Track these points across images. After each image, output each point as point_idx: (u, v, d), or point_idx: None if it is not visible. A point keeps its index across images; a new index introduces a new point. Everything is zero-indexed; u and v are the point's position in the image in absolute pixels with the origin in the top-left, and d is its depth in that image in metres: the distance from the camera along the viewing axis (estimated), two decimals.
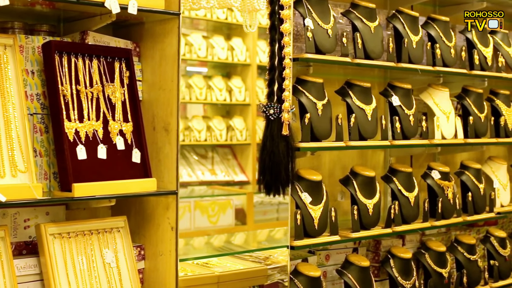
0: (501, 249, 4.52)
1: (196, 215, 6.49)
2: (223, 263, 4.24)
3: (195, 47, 7.34)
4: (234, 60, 7.27)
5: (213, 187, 7.10)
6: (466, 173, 4.35)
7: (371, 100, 3.75)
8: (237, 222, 6.66)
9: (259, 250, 4.11)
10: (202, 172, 7.29)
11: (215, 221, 6.55)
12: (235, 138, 7.34)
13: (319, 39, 3.47)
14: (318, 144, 3.46)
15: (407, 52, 3.88)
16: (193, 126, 7.39)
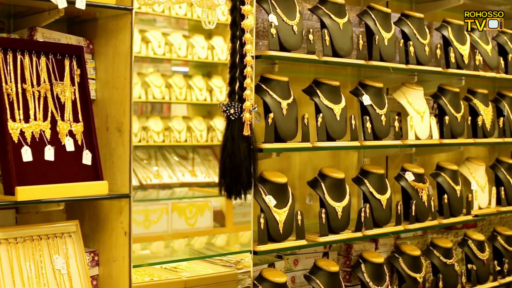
0: (479, 252, 4.39)
1: (174, 217, 6.36)
2: (192, 267, 4.12)
3: (175, 46, 7.21)
4: (214, 59, 7.13)
5: (193, 189, 6.97)
6: (442, 174, 4.22)
7: (340, 99, 3.62)
8: (215, 224, 6.53)
9: (219, 256, 3.98)
10: (182, 173, 7.15)
11: (193, 223, 6.42)
12: (216, 139, 7.19)
13: (284, 36, 3.33)
14: (282, 145, 3.33)
15: (378, 49, 3.75)
16: (173, 126, 7.27)
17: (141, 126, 7.25)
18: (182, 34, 7.18)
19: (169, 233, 6.29)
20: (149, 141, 7.23)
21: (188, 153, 7.39)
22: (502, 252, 4.59)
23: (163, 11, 7.06)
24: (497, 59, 4.54)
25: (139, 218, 6.23)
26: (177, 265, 4.17)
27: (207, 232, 6.34)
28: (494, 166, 4.71)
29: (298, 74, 3.90)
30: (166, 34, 7.31)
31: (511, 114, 4.65)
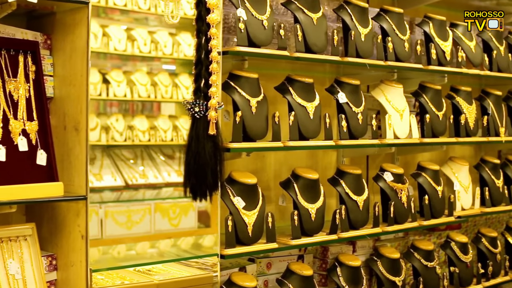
0: (462, 255, 4.26)
1: (157, 217, 6.24)
2: (167, 270, 4.00)
3: (161, 44, 7.09)
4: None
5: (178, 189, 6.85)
6: (423, 174, 4.09)
7: (314, 97, 3.49)
8: (200, 225, 6.40)
9: (185, 259, 3.85)
10: (168, 173, 7.04)
11: (177, 223, 6.30)
12: None
13: (253, 31, 3.21)
14: (251, 144, 3.21)
15: (354, 45, 3.62)
16: (159, 125, 7.15)
17: (127, 125, 7.13)
18: (168, 32, 7.06)
19: (151, 233, 6.17)
20: (134, 140, 7.12)
21: (174, 152, 7.26)
22: (487, 254, 4.46)
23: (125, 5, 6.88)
24: (481, 55, 4.41)
25: (122, 219, 6.12)
26: (152, 267, 4.05)
27: (191, 233, 6.20)
28: (478, 166, 4.58)
29: (274, 71, 3.78)
30: (152, 32, 7.19)
31: (495, 112, 4.52)
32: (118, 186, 6.90)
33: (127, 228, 6.09)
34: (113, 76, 7.03)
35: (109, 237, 6.03)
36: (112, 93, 6.96)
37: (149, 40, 7.08)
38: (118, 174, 7.00)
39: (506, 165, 4.75)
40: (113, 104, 7.39)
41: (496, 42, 4.54)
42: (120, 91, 7.01)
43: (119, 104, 7.42)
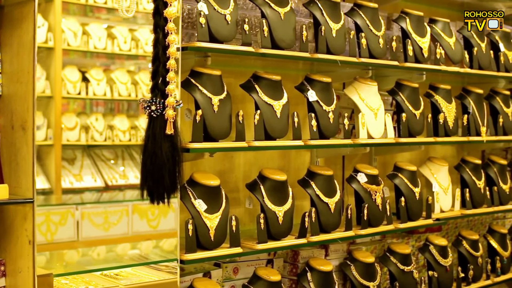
0: (441, 258, 4.12)
1: (135, 219, 6.10)
2: (136, 274, 3.88)
3: (142, 42, 6.95)
4: None
5: None
6: (400, 175, 3.95)
7: (281, 95, 3.35)
8: None
9: (142, 265, 3.72)
10: None
11: (155, 225, 6.17)
12: None
13: (215, 26, 3.07)
14: (213, 144, 3.07)
15: (325, 41, 3.48)
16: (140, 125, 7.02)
17: (107, 124, 7.00)
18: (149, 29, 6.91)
19: (129, 235, 6.04)
20: (114, 140, 6.98)
21: None
22: (467, 257, 4.32)
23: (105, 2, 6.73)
24: (461, 52, 4.26)
25: (98, 221, 5.98)
26: (120, 271, 3.94)
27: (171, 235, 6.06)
28: (459, 166, 4.44)
29: (243, 68, 3.63)
30: (133, 30, 7.06)
31: (477, 111, 4.38)
32: (98, 187, 6.78)
33: (104, 229, 5.95)
34: (92, 75, 6.90)
35: (85, 239, 5.90)
36: (91, 92, 6.84)
37: (129, 37, 6.95)
38: (98, 174, 6.86)
39: (488, 165, 4.60)
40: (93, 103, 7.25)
41: (477, 39, 4.40)
42: (99, 90, 6.88)
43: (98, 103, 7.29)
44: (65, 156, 6.76)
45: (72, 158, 6.87)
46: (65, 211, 5.79)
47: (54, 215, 5.74)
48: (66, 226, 5.78)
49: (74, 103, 7.13)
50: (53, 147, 6.46)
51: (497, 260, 4.52)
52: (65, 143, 6.61)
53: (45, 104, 6.61)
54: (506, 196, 4.59)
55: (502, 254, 4.55)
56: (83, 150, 6.90)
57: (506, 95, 4.66)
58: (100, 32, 6.88)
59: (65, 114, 6.76)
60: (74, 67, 6.84)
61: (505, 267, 4.57)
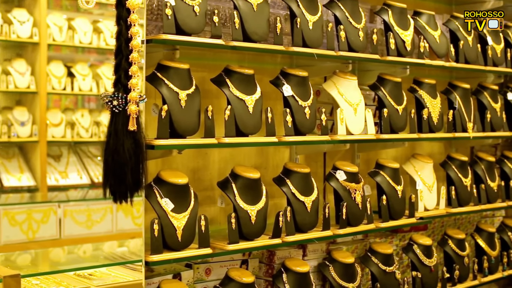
0: (425, 258, 4.00)
1: (119, 216, 6.00)
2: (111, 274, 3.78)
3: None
4: None
5: None
6: (381, 173, 3.82)
7: (254, 89, 3.23)
8: None
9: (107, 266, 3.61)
10: None
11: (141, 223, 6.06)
12: None
13: (183, 18, 2.94)
14: (179, 141, 2.95)
15: (301, 34, 3.35)
16: None
17: (93, 120, 6.89)
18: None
19: (114, 233, 5.93)
20: (101, 136, 6.87)
21: None
22: (453, 257, 4.20)
23: None
24: (446, 46, 4.12)
25: (81, 219, 5.88)
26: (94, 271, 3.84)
27: None
28: (444, 163, 4.30)
29: (218, 62, 3.49)
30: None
31: (463, 107, 4.24)
32: (84, 184, 6.67)
33: (87, 227, 5.85)
34: (78, 70, 6.79)
35: (68, 237, 5.80)
36: (77, 87, 6.73)
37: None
38: (84, 171, 6.76)
39: (476, 162, 4.47)
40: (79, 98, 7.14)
41: (464, 32, 4.27)
42: (85, 85, 6.77)
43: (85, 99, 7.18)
44: (51, 153, 6.66)
45: (57, 155, 6.76)
46: (47, 209, 5.68)
47: (36, 213, 5.63)
48: (48, 224, 5.68)
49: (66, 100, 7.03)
50: (38, 143, 6.36)
51: (484, 259, 4.39)
52: (50, 139, 6.52)
53: (30, 99, 6.51)
54: (494, 194, 4.46)
55: (490, 254, 4.43)
56: (69, 146, 6.79)
57: (494, 90, 4.52)
58: (86, 26, 6.77)
59: (51, 110, 6.65)
60: (59, 62, 6.73)
61: (493, 267, 4.44)
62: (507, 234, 4.64)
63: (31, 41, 6.37)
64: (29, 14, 6.40)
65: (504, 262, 4.56)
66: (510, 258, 4.59)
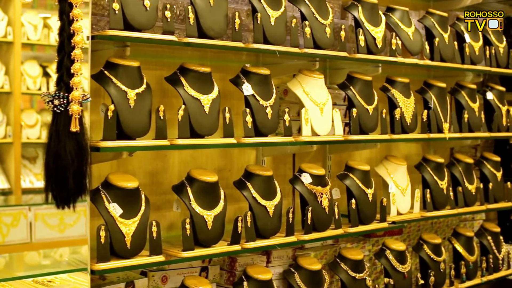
0: (398, 264, 3.84)
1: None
2: (72, 280, 3.63)
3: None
4: None
5: None
6: (351, 176, 3.66)
7: (211, 88, 3.07)
8: None
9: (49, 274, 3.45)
10: None
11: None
12: None
13: (131, 13, 2.78)
14: (127, 143, 2.78)
15: (261, 30, 3.19)
16: None
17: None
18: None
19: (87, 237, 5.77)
20: None
21: None
22: (428, 263, 4.04)
23: None
24: (420, 43, 3.96)
25: (53, 222, 5.72)
26: (54, 277, 3.68)
27: None
28: (419, 165, 4.14)
29: (177, 59, 3.32)
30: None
31: (439, 106, 4.08)
32: None
33: (60, 231, 5.69)
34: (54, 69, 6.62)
35: (39, 241, 5.65)
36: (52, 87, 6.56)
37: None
38: None
39: (453, 164, 4.31)
40: None
41: (440, 29, 4.11)
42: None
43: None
44: (26, 155, 6.51)
45: (33, 157, 6.61)
46: (17, 212, 5.54)
47: (6, 217, 5.48)
48: (19, 228, 5.53)
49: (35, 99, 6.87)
50: (12, 145, 6.21)
51: (462, 265, 4.23)
52: (25, 141, 6.37)
53: (5, 100, 6.36)
54: (472, 197, 4.30)
55: (468, 259, 4.27)
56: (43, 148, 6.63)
57: (472, 89, 4.37)
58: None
59: (25, 111, 6.50)
60: (34, 62, 6.58)
61: (471, 273, 4.28)
62: (486, 239, 4.48)
63: (5, 40, 6.23)
64: (3, 13, 6.25)
65: (483, 267, 4.39)
66: (489, 263, 4.43)
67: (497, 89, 4.59)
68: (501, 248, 4.54)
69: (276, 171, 3.81)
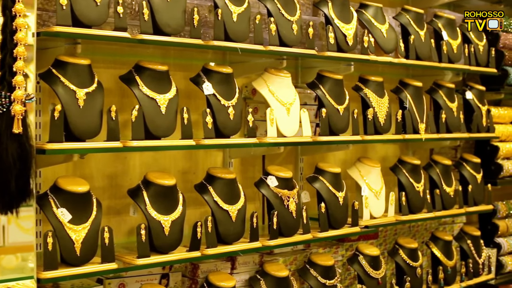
0: (372, 270, 3.71)
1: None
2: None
3: None
4: None
5: None
6: (321, 178, 3.53)
7: (168, 88, 2.94)
8: None
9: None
10: None
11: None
12: None
13: (81, 8, 2.65)
14: (75, 145, 2.65)
15: (223, 26, 3.06)
16: None
17: None
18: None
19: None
20: None
21: None
22: (404, 268, 3.91)
23: None
24: (394, 41, 3.83)
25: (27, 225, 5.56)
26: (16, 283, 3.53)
27: None
28: (395, 167, 4.01)
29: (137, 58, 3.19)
30: None
31: (414, 106, 3.95)
32: None
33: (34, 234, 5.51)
34: None
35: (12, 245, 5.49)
36: None
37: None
38: None
39: (431, 166, 4.18)
40: None
41: (416, 26, 3.97)
42: None
43: None
44: None
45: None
46: None
47: None
48: None
49: None
50: None
51: (440, 270, 4.09)
52: None
53: None
54: (450, 200, 4.17)
55: (446, 264, 4.13)
56: None
57: (450, 89, 4.23)
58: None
59: None
60: None
61: (449, 278, 4.15)
62: (466, 243, 4.34)
63: None
64: None
65: (462, 272, 4.26)
66: (469, 268, 4.29)
67: (476, 88, 4.46)
68: (481, 252, 4.40)
69: (244, 173, 3.69)
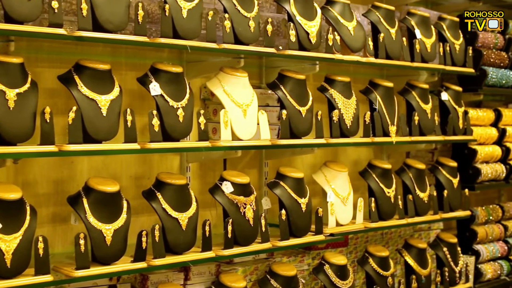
0: (338, 280, 3.53)
1: None
2: None
3: None
4: None
5: None
6: (282, 184, 3.35)
7: (110, 88, 2.77)
8: None
9: None
10: None
11: None
12: None
13: (10, 3, 2.48)
14: (4, 149, 2.47)
15: (170, 22, 2.88)
16: None
17: None
18: None
19: None
20: None
21: None
22: (374, 277, 3.73)
23: None
24: (362, 39, 3.65)
25: None
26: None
27: None
28: (364, 172, 3.82)
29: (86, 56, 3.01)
30: None
31: (384, 108, 3.77)
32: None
33: None
34: None
35: None
36: None
37: None
38: None
39: (403, 170, 3.99)
40: None
41: (386, 24, 3.79)
42: None
43: None
44: None
45: None
46: None
47: None
48: None
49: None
50: None
51: (413, 279, 3.91)
52: None
53: None
54: (423, 206, 3.98)
55: (420, 272, 3.95)
56: None
57: (424, 89, 4.05)
58: None
59: None
60: None
61: (424, 287, 3.96)
62: (442, 250, 4.15)
63: None
64: None
65: (437, 281, 4.07)
66: (445, 276, 4.10)
67: (452, 89, 4.27)
68: (458, 260, 4.21)
69: (203, 178, 3.52)
